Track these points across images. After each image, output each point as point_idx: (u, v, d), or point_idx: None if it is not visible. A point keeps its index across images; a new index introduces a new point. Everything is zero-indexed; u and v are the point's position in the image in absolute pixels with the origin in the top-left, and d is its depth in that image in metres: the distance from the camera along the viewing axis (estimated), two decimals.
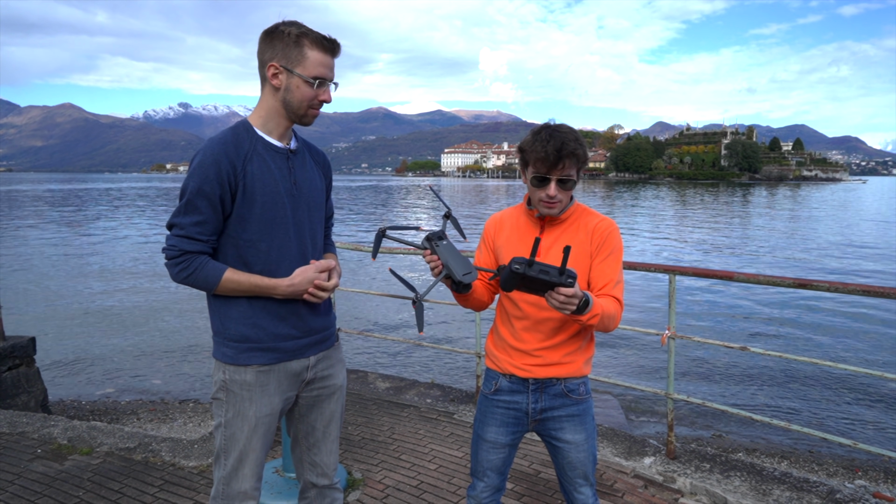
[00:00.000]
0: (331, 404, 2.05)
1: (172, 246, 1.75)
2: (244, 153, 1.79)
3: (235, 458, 1.87)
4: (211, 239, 1.78)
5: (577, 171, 1.89)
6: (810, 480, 3.32)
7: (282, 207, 1.83)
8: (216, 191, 1.74)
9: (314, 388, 2.00)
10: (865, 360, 8.38)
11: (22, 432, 3.94)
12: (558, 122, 1.94)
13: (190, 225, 1.74)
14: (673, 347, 3.53)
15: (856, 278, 15.12)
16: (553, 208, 1.91)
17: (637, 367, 7.81)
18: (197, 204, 1.74)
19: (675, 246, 21.77)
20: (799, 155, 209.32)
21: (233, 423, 1.86)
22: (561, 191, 1.87)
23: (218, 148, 1.76)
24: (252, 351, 1.84)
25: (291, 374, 1.91)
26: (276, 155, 1.85)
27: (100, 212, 38.46)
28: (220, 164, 1.74)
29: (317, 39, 1.78)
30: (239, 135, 1.82)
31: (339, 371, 2.07)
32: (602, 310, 1.77)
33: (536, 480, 3.28)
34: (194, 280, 1.76)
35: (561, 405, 1.99)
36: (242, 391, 1.84)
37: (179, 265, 1.75)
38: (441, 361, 7.99)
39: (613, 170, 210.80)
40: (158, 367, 7.82)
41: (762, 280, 3.35)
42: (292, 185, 1.87)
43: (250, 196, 1.78)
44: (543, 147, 1.82)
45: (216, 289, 1.79)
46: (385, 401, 4.54)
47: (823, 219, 36.00)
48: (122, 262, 16.98)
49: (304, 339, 1.92)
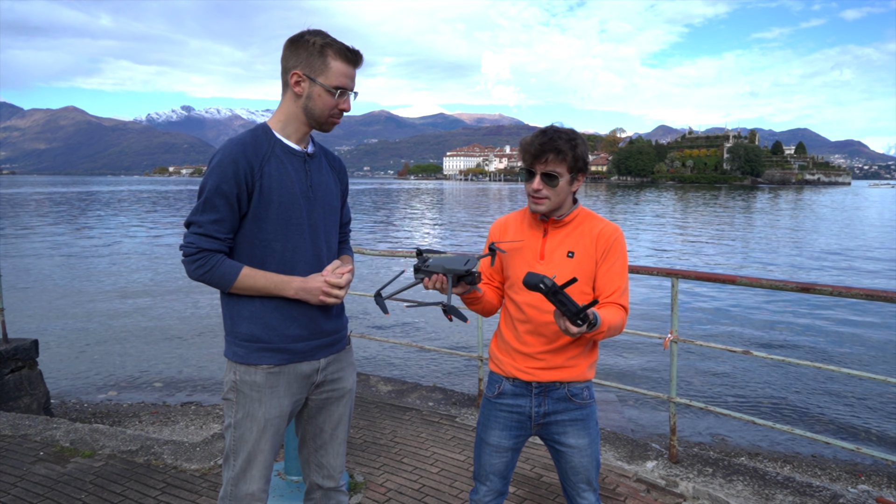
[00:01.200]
0: (339, 407, 2.05)
1: (190, 243, 1.77)
2: (262, 154, 1.82)
3: (244, 460, 1.87)
4: (228, 237, 1.81)
5: (567, 170, 1.88)
6: (813, 485, 3.31)
7: (297, 209, 1.85)
8: (234, 190, 1.77)
9: (324, 390, 2.00)
10: (868, 364, 8.36)
11: (24, 435, 3.94)
12: (566, 126, 1.96)
13: (208, 223, 1.77)
14: (675, 351, 3.53)
15: (861, 279, 15.10)
16: (539, 204, 1.92)
17: (639, 370, 7.80)
18: (215, 202, 1.76)
19: (678, 249, 21.74)
20: (801, 159, 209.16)
21: (242, 423, 1.86)
22: (546, 186, 1.89)
23: (236, 148, 1.79)
24: (262, 351, 1.85)
25: (301, 375, 1.92)
26: (293, 158, 1.88)
27: (104, 214, 38.55)
28: (238, 164, 1.77)
29: (340, 50, 1.82)
30: (258, 137, 1.85)
31: (349, 374, 2.07)
32: (608, 324, 1.78)
33: (539, 484, 3.28)
34: (210, 277, 1.78)
35: (564, 409, 1.99)
36: (252, 392, 1.85)
37: (196, 262, 1.77)
38: (443, 365, 7.98)
39: (615, 173, 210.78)
40: (160, 370, 7.82)
41: (765, 284, 3.35)
42: (308, 187, 1.90)
43: (267, 196, 1.81)
44: (532, 140, 1.90)
45: (232, 287, 1.80)
46: (387, 404, 4.54)
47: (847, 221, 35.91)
48: (126, 264, 17.01)
49: (314, 340, 1.92)
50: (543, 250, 1.97)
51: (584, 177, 1.94)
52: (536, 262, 1.97)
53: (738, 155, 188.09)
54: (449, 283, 1.85)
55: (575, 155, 1.87)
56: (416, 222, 34.70)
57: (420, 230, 29.81)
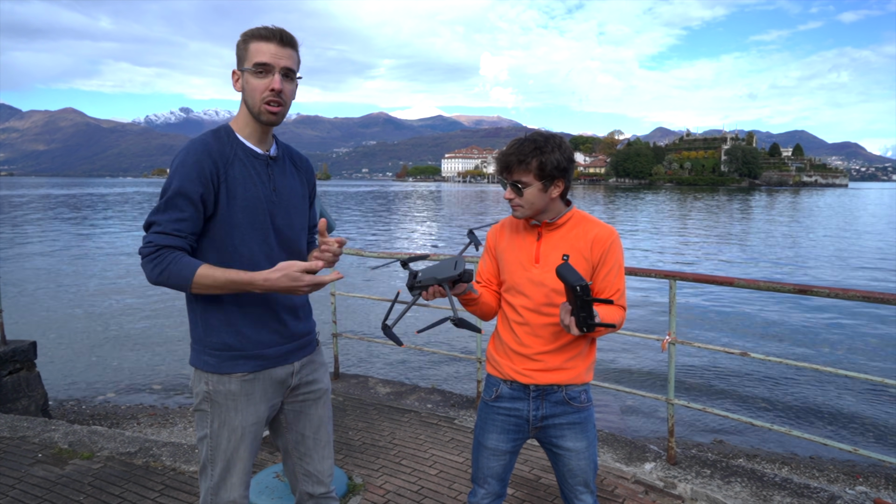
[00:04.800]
0: (318, 409, 2.03)
1: (149, 242, 1.69)
2: (226, 156, 1.78)
3: (222, 468, 1.85)
4: (190, 237, 1.73)
5: (534, 178, 1.89)
6: (811, 486, 3.33)
7: (262, 213, 1.82)
8: (198, 190, 1.72)
9: (300, 393, 1.98)
10: (866, 365, 8.38)
11: (23, 436, 3.94)
12: (552, 131, 1.98)
13: (168, 222, 1.70)
14: (673, 353, 3.54)
15: (859, 280, 15.13)
16: (515, 210, 1.97)
17: (637, 372, 7.80)
18: (178, 203, 1.70)
19: (676, 251, 21.77)
20: (799, 160, 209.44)
21: (219, 433, 1.84)
22: (516, 195, 1.93)
23: (200, 148, 1.76)
24: (235, 359, 1.82)
25: (276, 380, 1.90)
26: (255, 161, 1.84)
27: (103, 215, 38.49)
28: (202, 164, 1.73)
29: (257, 32, 1.78)
30: (220, 138, 1.81)
31: (322, 375, 2.06)
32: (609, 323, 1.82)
33: (537, 486, 3.28)
34: (168, 276, 1.67)
35: (562, 413, 2.00)
36: (227, 401, 1.82)
37: (154, 261, 1.68)
38: (442, 367, 7.98)
39: (613, 175, 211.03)
40: (158, 372, 7.81)
41: (762, 286, 3.36)
42: (272, 191, 1.86)
43: (231, 200, 1.77)
44: (503, 151, 1.97)
45: (192, 285, 1.70)
46: (385, 406, 4.54)
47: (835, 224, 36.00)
48: (124, 266, 16.99)
49: (287, 344, 1.91)
50: (538, 253, 1.98)
51: (562, 182, 1.92)
52: (532, 265, 1.98)
53: (736, 157, 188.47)
54: (448, 293, 1.83)
55: (541, 162, 1.86)
56: (418, 224, 34.70)
57: (418, 232, 29.81)
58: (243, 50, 1.79)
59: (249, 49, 1.77)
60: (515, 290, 2.00)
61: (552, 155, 1.87)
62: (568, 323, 1.70)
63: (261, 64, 1.75)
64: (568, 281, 1.64)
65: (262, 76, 1.76)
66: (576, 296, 1.63)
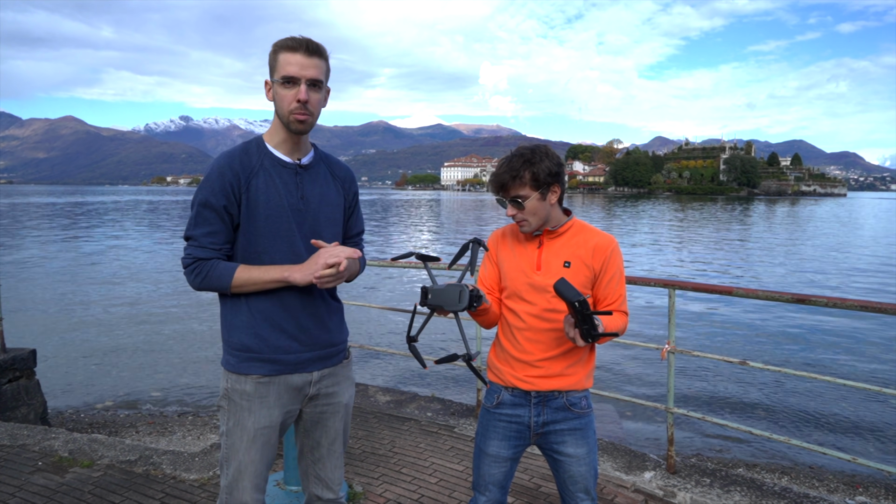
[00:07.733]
0: (335, 422, 2.04)
1: (188, 255, 1.84)
2: (251, 167, 1.85)
3: (235, 469, 1.88)
4: (224, 247, 1.86)
5: (531, 189, 1.92)
6: (810, 496, 3.33)
7: (286, 221, 1.86)
8: (221, 202, 1.81)
9: (318, 404, 1.99)
10: (865, 375, 8.38)
11: (23, 445, 3.94)
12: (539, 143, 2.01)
13: (202, 236, 1.83)
14: (673, 362, 3.55)
15: (857, 291, 15.15)
16: (522, 226, 2.00)
17: (637, 381, 7.81)
18: (205, 215, 1.82)
19: (675, 260, 21.80)
20: (797, 170, 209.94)
21: (233, 432, 1.88)
22: (518, 210, 1.96)
23: (224, 161, 1.84)
24: (252, 361, 1.86)
25: (292, 387, 1.92)
26: (282, 170, 1.89)
27: (101, 223, 38.50)
28: (224, 177, 1.81)
29: (285, 43, 1.83)
30: (249, 150, 1.88)
31: (345, 389, 2.06)
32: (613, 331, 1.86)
33: (537, 494, 3.28)
34: (209, 282, 1.83)
35: (563, 419, 2.01)
36: (242, 401, 1.87)
37: (194, 271, 1.83)
38: (441, 375, 7.98)
39: (613, 184, 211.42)
40: (157, 380, 7.80)
41: (761, 295, 3.38)
42: (299, 199, 1.90)
43: (254, 209, 1.83)
44: (495, 172, 1.99)
45: (232, 285, 1.82)
46: (385, 414, 4.54)
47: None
48: (124, 274, 16.99)
49: (306, 353, 1.92)
50: (540, 261, 2.01)
51: (558, 187, 1.96)
52: (533, 272, 2.00)
53: (735, 166, 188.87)
54: (459, 325, 1.83)
55: (533, 173, 1.91)
56: (417, 231, 34.72)
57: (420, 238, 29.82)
58: (273, 61, 1.84)
59: (279, 60, 1.83)
60: (517, 296, 2.02)
61: (542, 164, 1.92)
62: (573, 336, 1.77)
63: (288, 76, 1.81)
64: (566, 297, 1.69)
65: (289, 87, 1.82)
66: (576, 311, 1.70)
